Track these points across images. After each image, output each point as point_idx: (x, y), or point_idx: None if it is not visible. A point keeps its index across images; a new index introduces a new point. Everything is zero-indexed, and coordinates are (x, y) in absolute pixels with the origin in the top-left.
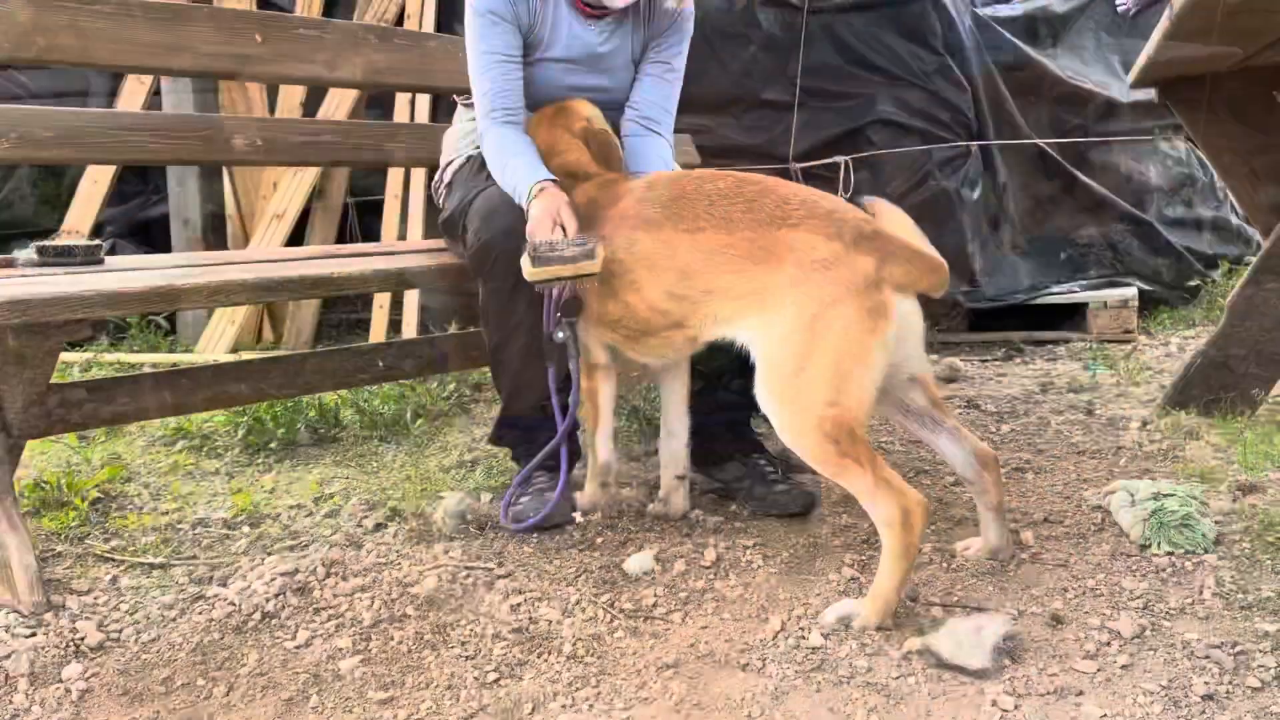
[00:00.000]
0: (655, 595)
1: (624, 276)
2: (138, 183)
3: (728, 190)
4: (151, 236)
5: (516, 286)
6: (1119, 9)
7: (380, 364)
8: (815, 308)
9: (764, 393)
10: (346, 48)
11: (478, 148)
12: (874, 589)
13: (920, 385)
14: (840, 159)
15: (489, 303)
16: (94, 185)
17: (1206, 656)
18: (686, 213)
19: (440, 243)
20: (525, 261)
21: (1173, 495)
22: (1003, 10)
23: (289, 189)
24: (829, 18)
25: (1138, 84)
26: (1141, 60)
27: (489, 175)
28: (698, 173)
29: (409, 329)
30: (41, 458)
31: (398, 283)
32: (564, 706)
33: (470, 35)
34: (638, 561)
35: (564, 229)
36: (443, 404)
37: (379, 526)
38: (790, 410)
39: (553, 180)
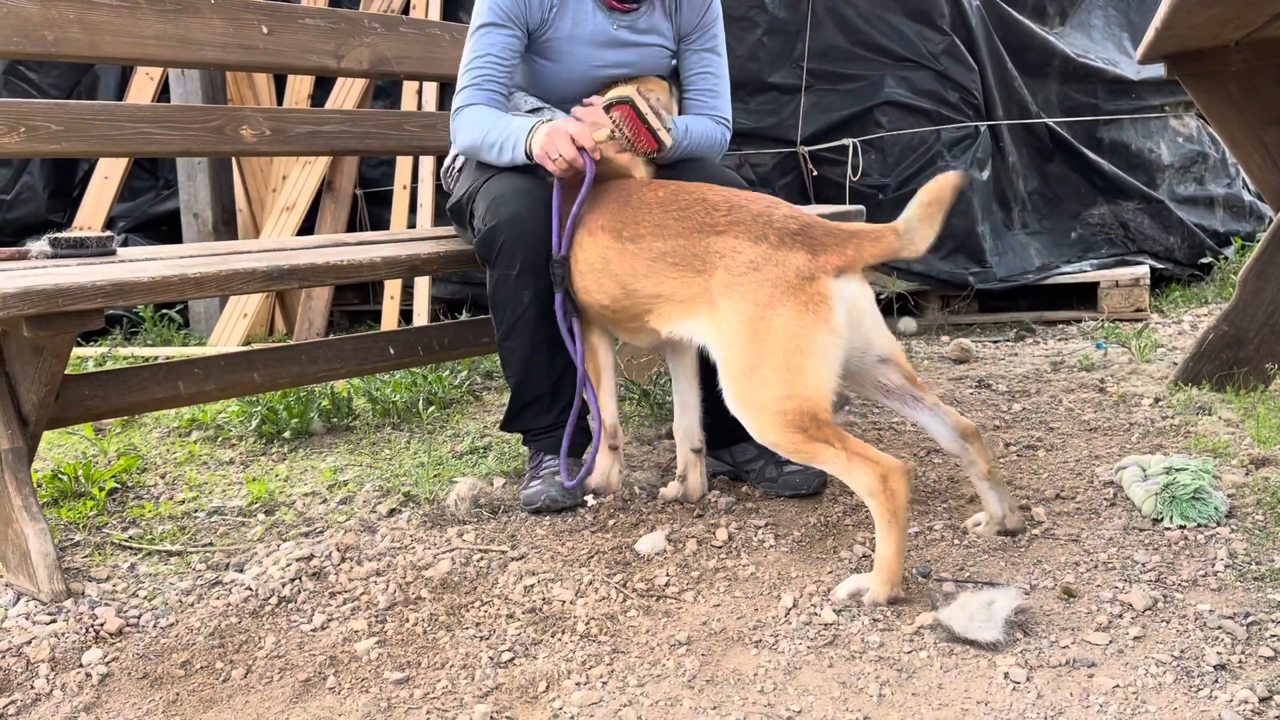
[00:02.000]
0: (667, 575)
1: (590, 272)
2: (148, 178)
3: (665, 199)
4: (162, 231)
5: (523, 273)
6: None
7: (391, 351)
8: (752, 309)
9: (726, 396)
10: (353, 37)
11: None
12: (877, 561)
13: (893, 364)
14: (848, 141)
15: (496, 289)
16: (105, 181)
17: (1219, 627)
18: (630, 219)
19: (450, 229)
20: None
21: (1185, 469)
22: None
23: (298, 181)
24: (835, 0)
25: (1146, 59)
26: (1150, 34)
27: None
28: (640, 181)
29: (420, 318)
30: (58, 450)
31: (407, 269)
32: (578, 684)
33: (473, 26)
34: (650, 542)
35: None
36: (454, 391)
37: (393, 512)
38: (751, 410)
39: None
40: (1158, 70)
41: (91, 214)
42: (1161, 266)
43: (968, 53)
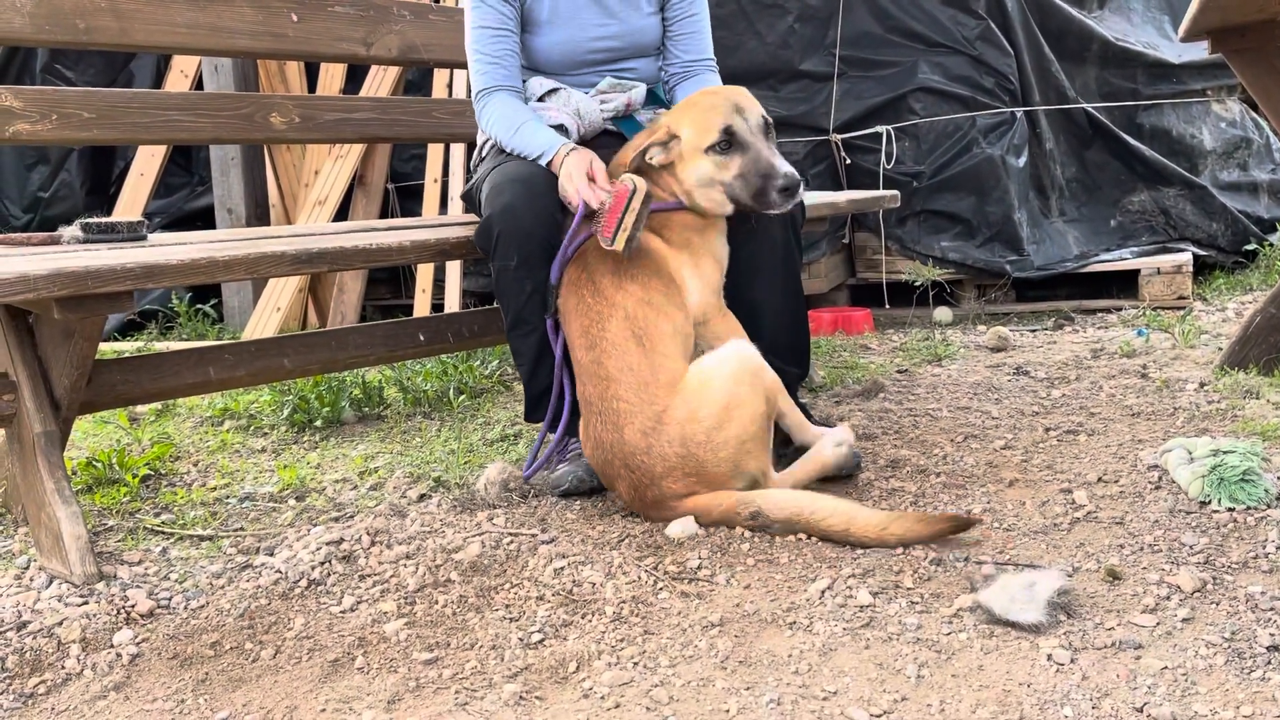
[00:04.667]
0: (699, 558)
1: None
2: (183, 174)
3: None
4: (197, 227)
5: (521, 264)
6: None
7: (421, 338)
8: None
9: None
10: (382, 24)
11: None
12: None
13: None
14: (881, 128)
15: (499, 280)
16: (141, 178)
17: (1271, 609)
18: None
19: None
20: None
21: (1233, 451)
22: None
23: (330, 175)
24: None
25: (1189, 36)
26: (1193, 8)
27: (506, 153)
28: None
29: (451, 310)
30: (93, 438)
31: (436, 253)
32: (609, 665)
33: (466, 14)
34: (681, 525)
35: (593, 179)
36: (485, 381)
37: (423, 497)
38: None
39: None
40: (1199, 53)
41: (127, 210)
42: (1204, 253)
43: (1003, 37)
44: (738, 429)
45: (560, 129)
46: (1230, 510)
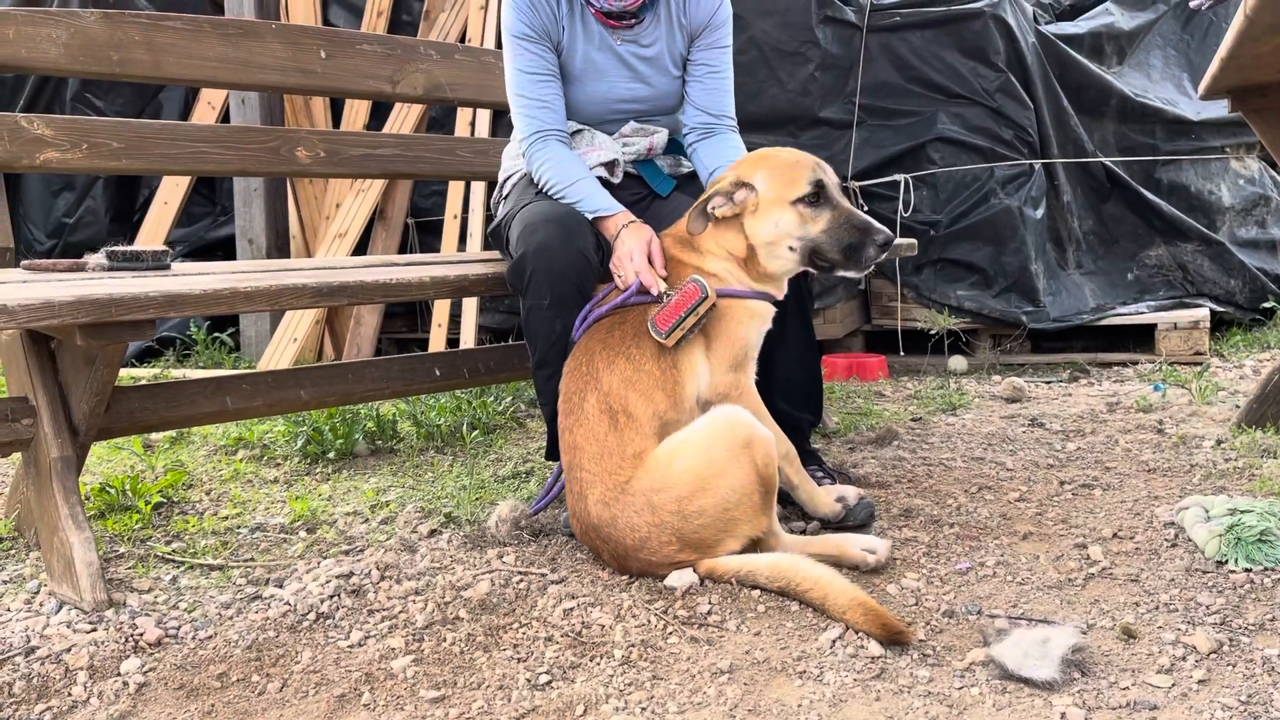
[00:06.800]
0: (709, 603)
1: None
2: (205, 204)
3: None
4: (218, 257)
5: (555, 302)
6: (1190, 4)
7: (437, 372)
8: None
9: None
10: (409, 63)
11: None
12: None
13: None
14: (900, 177)
15: (529, 318)
16: (164, 206)
17: None
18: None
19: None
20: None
21: (1250, 511)
22: (1067, 27)
23: (351, 209)
24: (888, 35)
25: (1208, 94)
26: (1214, 66)
27: (538, 190)
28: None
29: (467, 346)
30: (107, 464)
31: (455, 290)
32: (616, 709)
33: (506, 58)
34: (679, 576)
35: (652, 261)
36: (498, 417)
37: (433, 533)
38: None
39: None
40: (1218, 111)
41: (150, 237)
42: (1222, 310)
43: (1023, 90)
44: (716, 498)
45: (611, 165)
46: (1247, 571)
